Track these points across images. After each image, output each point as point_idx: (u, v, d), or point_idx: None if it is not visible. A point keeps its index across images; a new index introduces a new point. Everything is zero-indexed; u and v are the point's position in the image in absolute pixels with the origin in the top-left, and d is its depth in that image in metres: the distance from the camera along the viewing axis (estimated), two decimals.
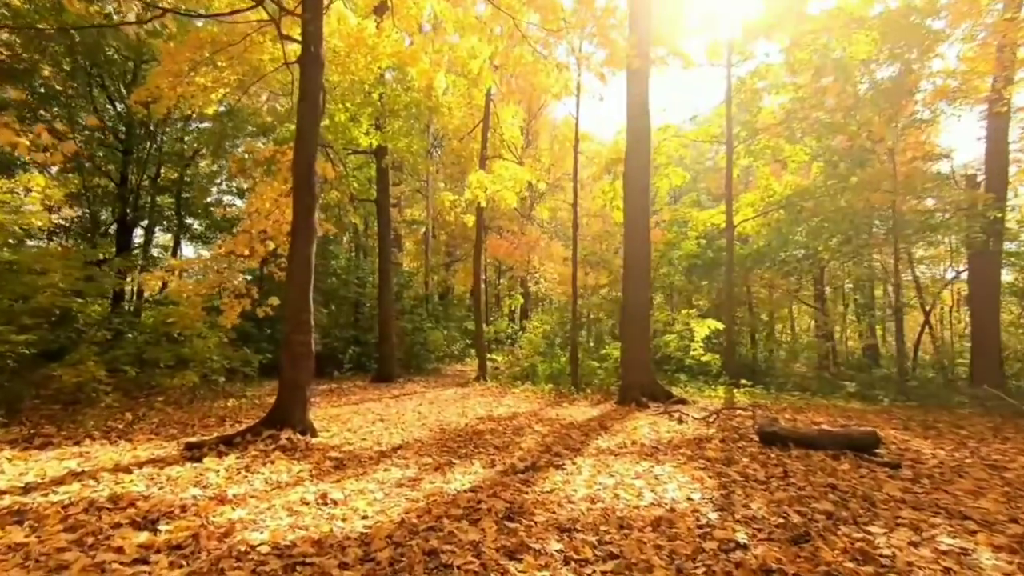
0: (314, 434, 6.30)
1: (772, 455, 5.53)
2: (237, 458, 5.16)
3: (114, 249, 16.41)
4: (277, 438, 5.77)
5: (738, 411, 8.01)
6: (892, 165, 13.81)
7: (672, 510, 3.90)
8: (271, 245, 10.12)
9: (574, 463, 5.25)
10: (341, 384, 13.80)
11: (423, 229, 25.11)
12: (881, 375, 15.48)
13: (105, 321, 10.27)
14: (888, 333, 22.64)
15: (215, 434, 6.42)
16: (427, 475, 4.85)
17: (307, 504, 3.94)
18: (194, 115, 16.20)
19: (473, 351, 22.11)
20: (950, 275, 21.45)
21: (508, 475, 4.83)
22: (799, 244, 15.84)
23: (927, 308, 16.31)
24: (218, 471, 4.68)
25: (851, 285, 22.24)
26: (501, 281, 31.72)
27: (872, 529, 3.52)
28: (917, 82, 13.82)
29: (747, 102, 15.53)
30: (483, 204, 12.62)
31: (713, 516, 3.77)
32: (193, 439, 5.90)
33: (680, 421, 7.60)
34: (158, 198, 18.63)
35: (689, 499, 4.15)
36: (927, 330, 16.03)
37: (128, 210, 17.51)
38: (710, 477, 4.74)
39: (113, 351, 7.95)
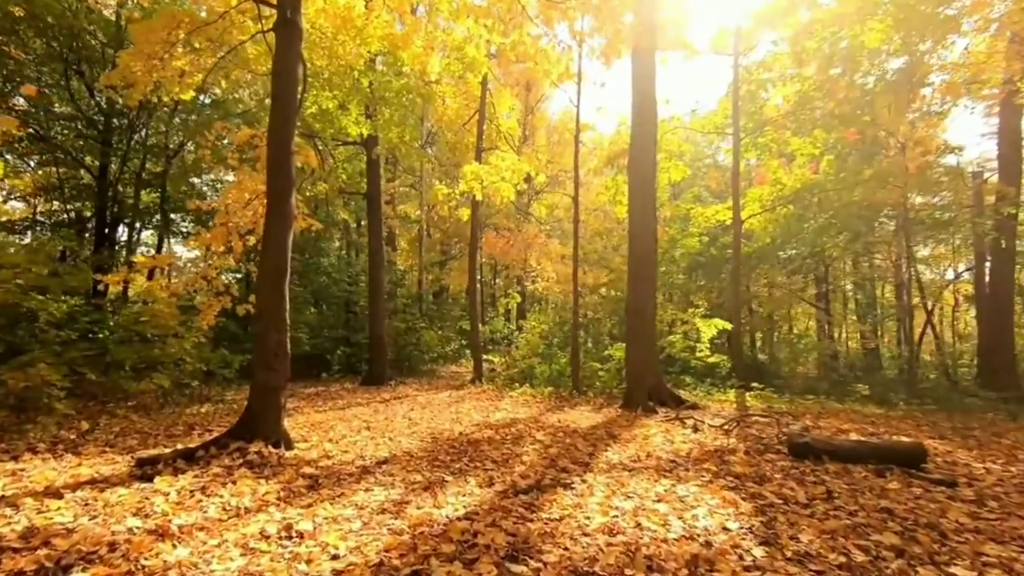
0: (289, 446, 5.60)
1: (807, 470, 4.88)
2: (195, 477, 4.46)
3: (93, 246, 15.68)
4: (245, 451, 5.07)
5: (756, 418, 7.37)
6: (903, 159, 13.25)
7: (708, 544, 3.23)
8: (252, 240, 9.43)
9: (584, 481, 4.59)
10: (329, 387, 13.09)
11: (417, 227, 24.41)
12: (891, 377, 14.93)
13: (71, 320, 9.52)
14: (886, 334, 22.12)
15: (179, 446, 5.72)
16: (415, 497, 4.17)
17: (267, 539, 3.25)
18: (179, 107, 15.49)
19: (468, 352, 21.43)
20: (951, 275, 21.01)
21: (509, 497, 4.16)
22: (806, 241, 15.25)
23: (929, 308, 15.78)
24: (168, 494, 3.98)
25: (851, 285, 21.72)
26: (497, 281, 31.04)
27: (957, 573, 2.87)
28: (928, 73, 13.28)
29: (753, 94, 14.94)
30: (479, 197, 11.94)
31: (758, 553, 3.11)
32: (149, 453, 5.20)
33: (695, 429, 6.95)
34: (142, 193, 17.92)
35: (725, 528, 3.49)
36: (928, 330, 15.47)
37: (108, 205, 16.76)
38: (744, 499, 4.08)
39: (70, 352, 7.21)
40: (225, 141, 8.37)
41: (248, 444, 5.21)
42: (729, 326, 13.01)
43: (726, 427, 6.95)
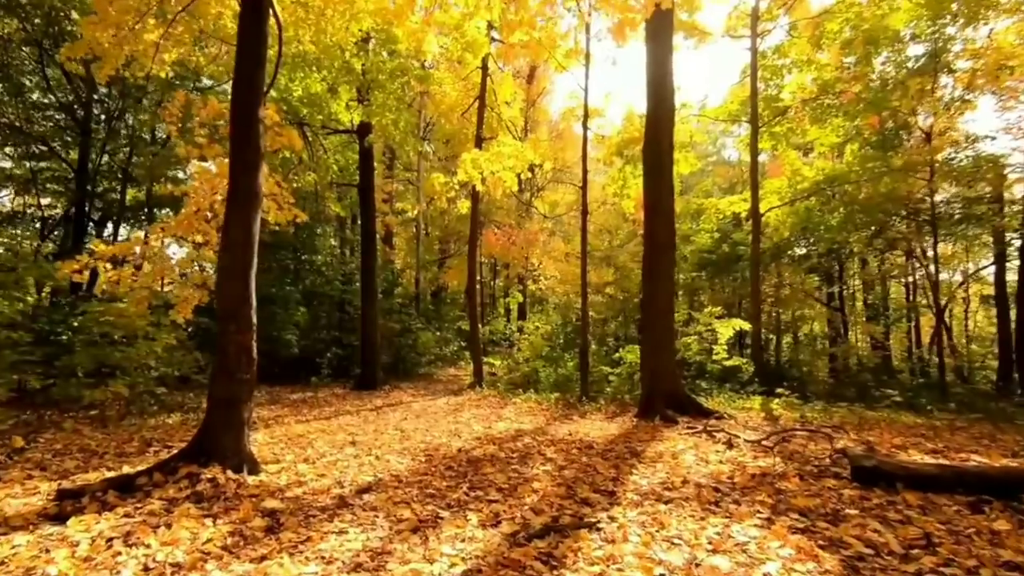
0: (254, 469, 4.69)
1: (882, 503, 3.98)
2: (124, 516, 3.55)
3: (72, 243, 14.75)
4: (197, 479, 4.16)
5: (797, 432, 6.46)
6: (928, 149, 12.38)
7: None
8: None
9: (612, 518, 3.68)
10: (317, 392, 12.17)
11: (415, 224, 23.49)
12: (916, 383, 14.03)
13: (33, 320, 8.61)
14: (893, 336, 21.18)
15: (125, 469, 4.81)
16: (399, 543, 3.26)
17: None
18: (166, 97, 14.54)
19: (467, 354, 20.52)
20: (962, 275, 20.16)
21: (520, 544, 3.25)
22: (826, 238, 14.35)
23: (944, 309, 14.95)
24: (78, 544, 3.07)
25: (860, 284, 20.79)
26: (496, 281, 30.11)
27: None
28: (954, 61, 12.43)
29: (767, 82, 14.07)
30: (479, 188, 11.04)
31: None
32: (75, 482, 4.28)
33: (729, 445, 6.04)
34: (127, 189, 17.01)
35: None
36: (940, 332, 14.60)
37: (89, 200, 15.85)
38: (822, 548, 3.17)
39: (9, 356, 6.28)
40: (196, 120, 7.44)
41: (202, 469, 4.30)
42: (748, 327, 12.12)
43: (764, 442, 6.05)
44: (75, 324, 8.44)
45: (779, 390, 9.93)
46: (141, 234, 8.32)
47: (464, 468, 5.17)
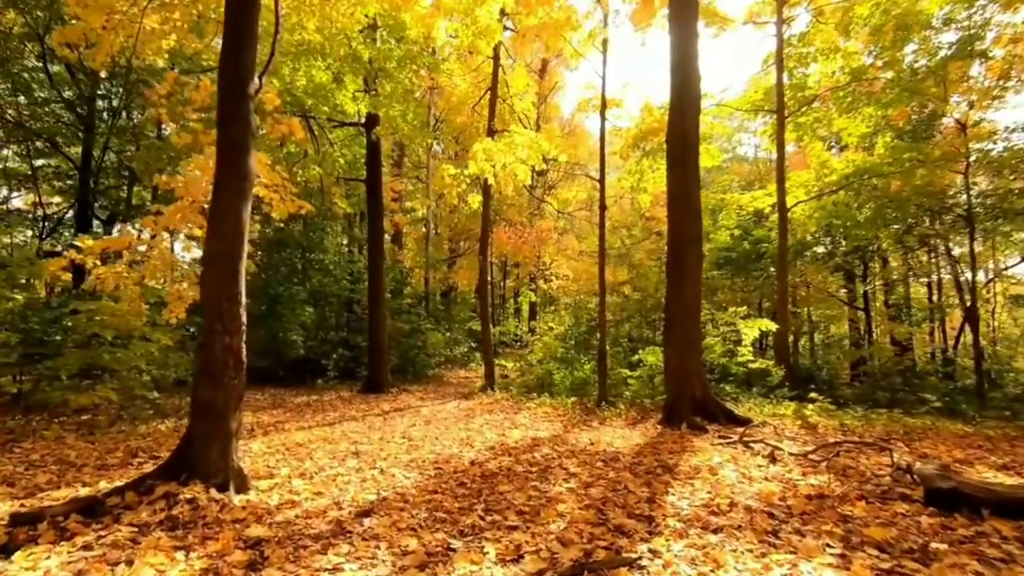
0: (243, 486, 4.17)
1: (971, 534, 3.37)
2: (83, 546, 3.04)
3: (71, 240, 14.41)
4: (174, 499, 3.65)
5: (845, 444, 5.83)
6: (962, 140, 11.67)
7: None
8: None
9: (655, 553, 3.11)
10: (322, 395, 11.68)
11: (424, 223, 23.02)
12: (954, 387, 13.27)
13: (23, 320, 8.19)
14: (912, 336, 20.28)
15: (101, 485, 4.33)
16: None
17: None
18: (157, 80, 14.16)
19: (478, 355, 19.99)
20: (985, 273, 19.28)
21: None
22: (855, 234, 13.64)
23: (975, 309, 14.15)
24: None
25: (881, 283, 19.95)
26: (507, 281, 29.54)
27: None
28: (990, 48, 11.71)
29: (794, 70, 13.39)
30: (491, 181, 10.50)
31: None
32: (43, 501, 3.79)
33: (772, 459, 5.43)
34: (134, 186, 16.68)
35: None
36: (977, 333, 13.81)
37: (91, 197, 15.53)
38: None
39: None
40: (189, 106, 6.95)
41: (181, 488, 3.79)
42: (774, 327, 11.46)
43: (811, 455, 5.44)
44: (69, 324, 8.02)
45: (812, 395, 9.29)
46: (133, 229, 7.85)
47: (478, 485, 4.62)
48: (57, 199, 17.64)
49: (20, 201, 18.14)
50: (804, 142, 13.36)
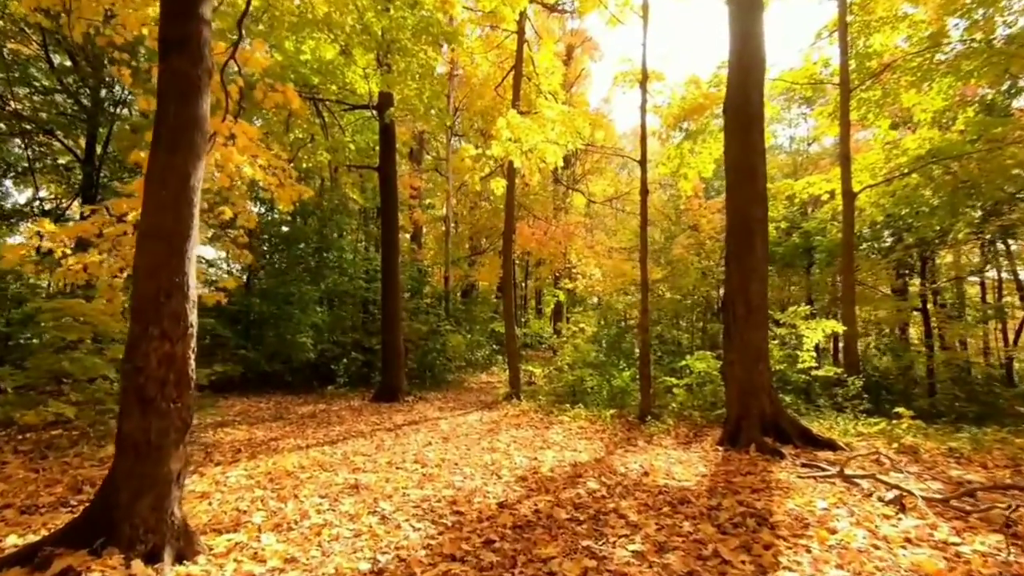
0: (187, 551, 3.02)
1: None
2: None
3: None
4: None
5: (991, 488, 4.45)
6: None
7: None
8: (228, 212, 7.00)
9: None
10: (331, 404, 10.61)
11: (443, 221, 21.91)
12: None
13: None
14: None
15: (10, 540, 3.23)
16: None
17: None
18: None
19: (500, 358, 18.79)
20: None
21: None
22: (925, 224, 12.06)
23: None
24: None
25: (933, 280, 18.19)
26: (528, 282, 28.23)
27: None
28: None
29: (855, 41, 11.88)
30: (517, 164, 9.30)
31: None
32: None
33: (902, 507, 4.08)
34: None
35: None
36: None
37: (95, 189, 14.78)
38: None
39: None
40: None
41: (92, 559, 2.65)
42: (841, 328, 10.00)
43: (957, 502, 4.08)
44: (41, 325, 7.07)
45: (899, 408, 7.82)
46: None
47: (511, 545, 3.40)
48: (54, 191, 16.96)
49: (24, 197, 17.51)
50: (868, 120, 11.84)
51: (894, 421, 7.51)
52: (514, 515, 3.99)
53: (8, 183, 15.99)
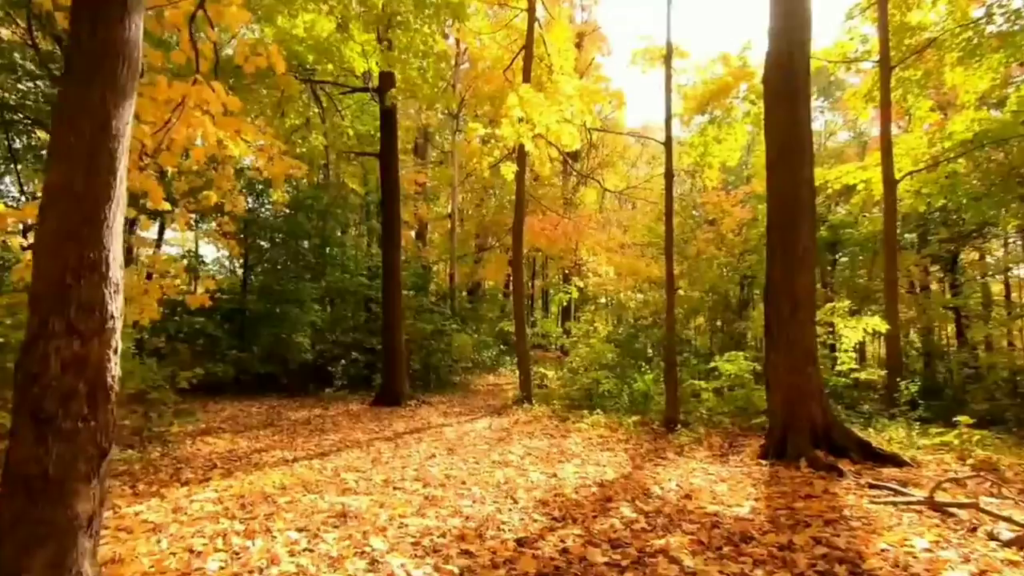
0: None
1: None
2: None
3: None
4: None
5: None
6: None
7: None
8: (213, 197, 6.25)
9: None
10: (328, 408, 9.84)
11: (449, 219, 21.11)
12: None
13: None
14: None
15: None
16: None
17: None
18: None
19: (508, 358, 17.98)
20: None
21: None
22: (969, 214, 11.18)
23: None
24: None
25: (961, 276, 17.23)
26: (536, 281, 27.37)
27: None
28: None
29: (892, 13, 11.00)
30: (528, 147, 8.49)
31: None
32: None
33: (1003, 543, 3.24)
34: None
35: None
36: None
37: None
38: None
39: None
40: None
41: None
42: (884, 327, 9.11)
43: None
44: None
45: (961, 416, 6.94)
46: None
47: None
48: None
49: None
50: (908, 102, 10.96)
51: (955, 430, 6.63)
52: (537, 558, 3.17)
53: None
